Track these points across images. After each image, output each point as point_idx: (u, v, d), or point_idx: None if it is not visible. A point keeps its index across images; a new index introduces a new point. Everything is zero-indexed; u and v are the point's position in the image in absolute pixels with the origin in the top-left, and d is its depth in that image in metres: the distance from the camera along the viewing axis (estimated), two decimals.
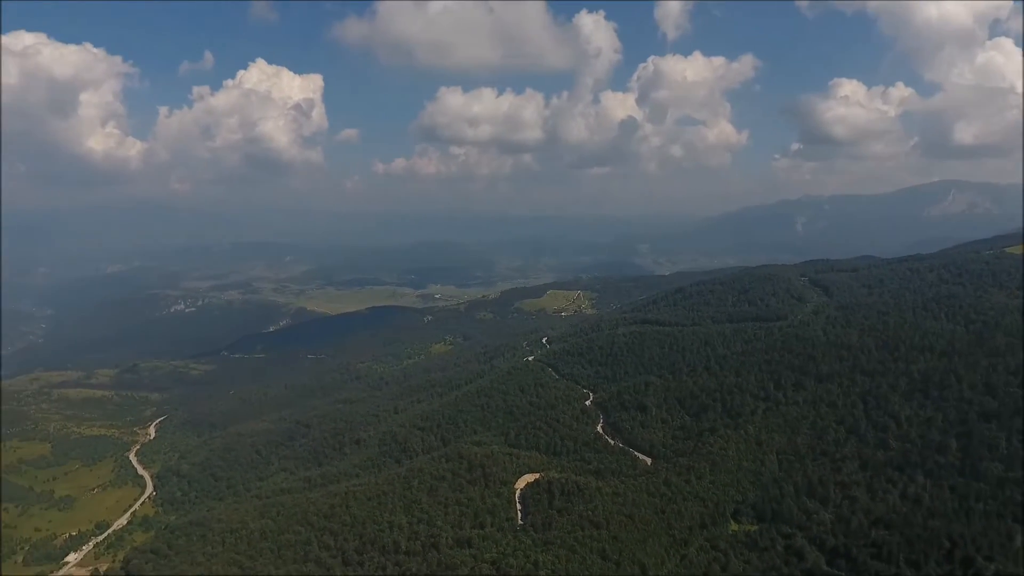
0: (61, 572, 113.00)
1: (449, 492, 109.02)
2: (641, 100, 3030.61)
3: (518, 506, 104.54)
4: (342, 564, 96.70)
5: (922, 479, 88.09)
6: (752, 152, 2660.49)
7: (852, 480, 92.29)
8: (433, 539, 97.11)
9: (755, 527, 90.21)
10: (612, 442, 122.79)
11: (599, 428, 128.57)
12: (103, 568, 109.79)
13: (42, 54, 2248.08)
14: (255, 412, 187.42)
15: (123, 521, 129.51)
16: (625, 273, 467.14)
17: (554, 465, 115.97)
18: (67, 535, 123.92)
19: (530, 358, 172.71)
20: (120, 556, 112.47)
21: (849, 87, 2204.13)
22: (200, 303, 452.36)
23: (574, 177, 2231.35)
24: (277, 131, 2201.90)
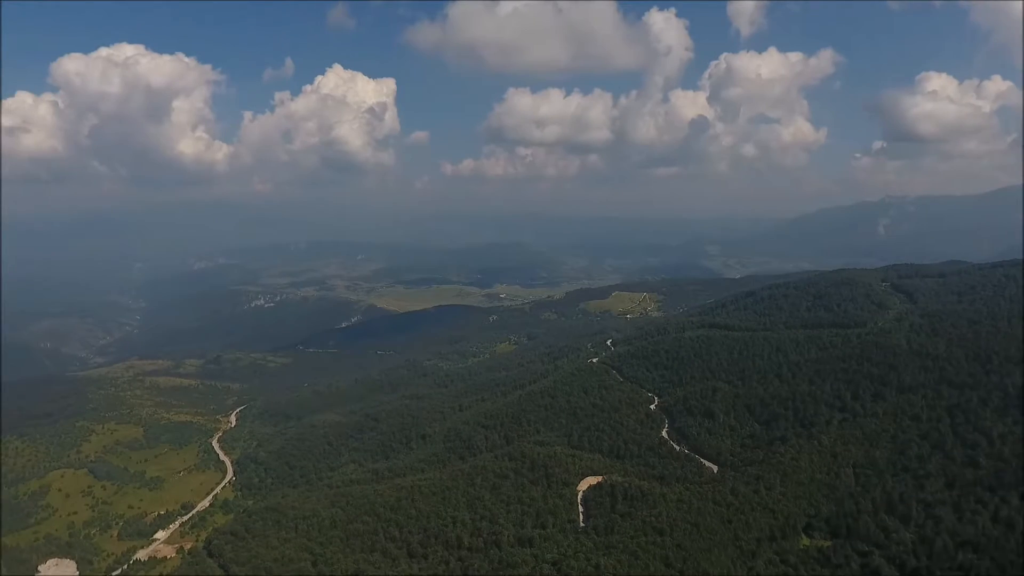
0: (150, 548, 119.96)
1: (511, 491, 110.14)
2: (713, 98, 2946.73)
3: (580, 508, 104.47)
4: (407, 556, 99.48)
5: (1016, 501, 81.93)
6: (831, 151, 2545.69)
7: (936, 499, 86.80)
8: (495, 536, 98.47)
9: (828, 543, 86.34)
10: (677, 448, 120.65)
11: (664, 433, 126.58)
12: (187, 547, 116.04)
13: (140, 64, 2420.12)
14: (327, 404, 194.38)
15: (206, 503, 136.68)
16: (693, 275, 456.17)
17: (617, 468, 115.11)
18: (156, 514, 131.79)
19: (594, 360, 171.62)
20: (203, 536, 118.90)
21: (938, 81, 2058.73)
22: (278, 299, 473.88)
23: (642, 177, 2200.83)
24: (351, 134, 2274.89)
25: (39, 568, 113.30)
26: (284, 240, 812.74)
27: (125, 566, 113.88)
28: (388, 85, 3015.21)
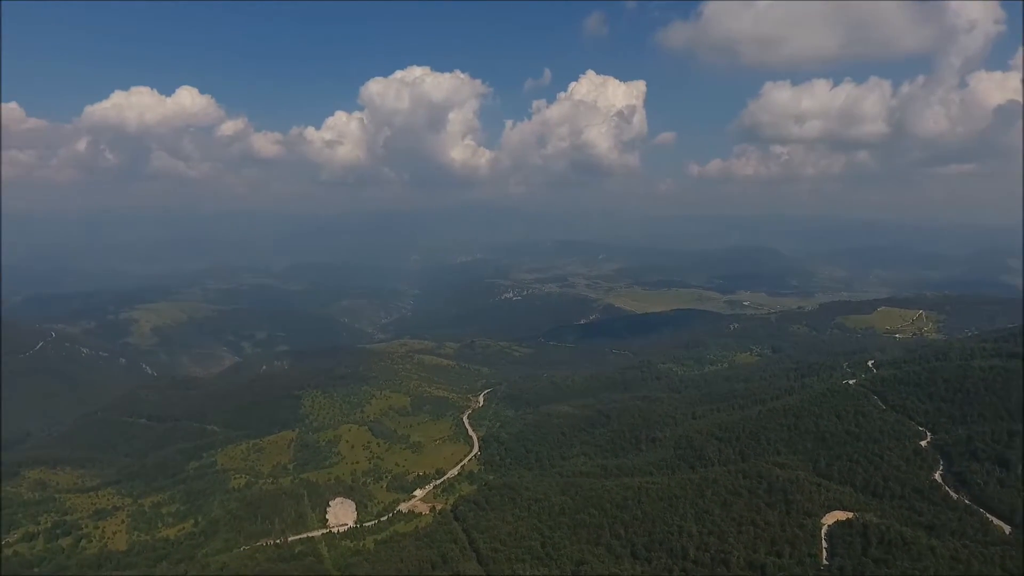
0: (410, 503, 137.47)
1: (744, 510, 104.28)
2: None
3: (824, 543, 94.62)
4: (631, 556, 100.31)
5: None
6: None
7: None
8: (723, 555, 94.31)
9: None
10: (955, 496, 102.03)
11: (937, 476, 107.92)
12: (438, 507, 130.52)
13: (425, 83, 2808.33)
14: (563, 396, 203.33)
15: (454, 472, 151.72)
16: (987, 293, 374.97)
17: (872, 507, 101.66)
18: (416, 474, 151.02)
19: (851, 381, 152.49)
20: (451, 500, 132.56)
21: None
22: (525, 293, 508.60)
23: (922, 177, 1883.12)
24: (600, 137, 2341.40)
25: (329, 503, 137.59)
26: (533, 238, 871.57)
27: (390, 514, 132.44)
28: (638, 88, 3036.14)
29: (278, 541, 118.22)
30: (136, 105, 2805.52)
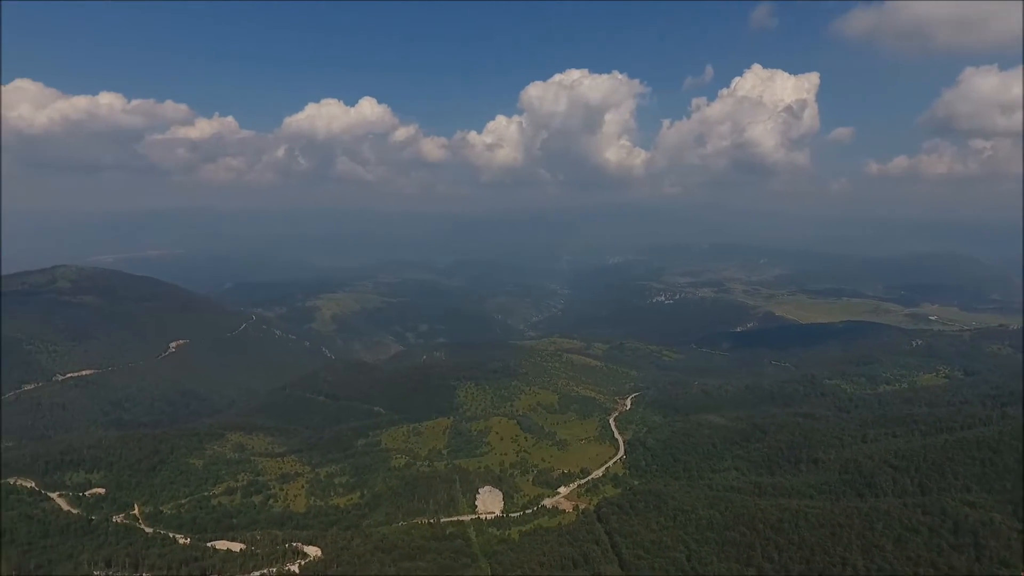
0: (554, 499, 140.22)
1: (922, 550, 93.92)
2: None
3: None
4: None
5: None
6: None
7: None
8: None
9: None
10: None
11: None
12: (582, 506, 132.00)
13: (583, 85, 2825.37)
14: (715, 405, 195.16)
15: (599, 473, 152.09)
16: None
17: None
18: (561, 471, 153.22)
19: None
20: (594, 501, 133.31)
21: None
22: (677, 297, 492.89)
23: None
24: (765, 135, 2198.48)
25: (478, 491, 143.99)
26: (688, 241, 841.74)
27: (535, 508, 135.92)
28: (810, 80, 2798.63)
29: (431, 521, 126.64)
30: (325, 115, 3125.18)
